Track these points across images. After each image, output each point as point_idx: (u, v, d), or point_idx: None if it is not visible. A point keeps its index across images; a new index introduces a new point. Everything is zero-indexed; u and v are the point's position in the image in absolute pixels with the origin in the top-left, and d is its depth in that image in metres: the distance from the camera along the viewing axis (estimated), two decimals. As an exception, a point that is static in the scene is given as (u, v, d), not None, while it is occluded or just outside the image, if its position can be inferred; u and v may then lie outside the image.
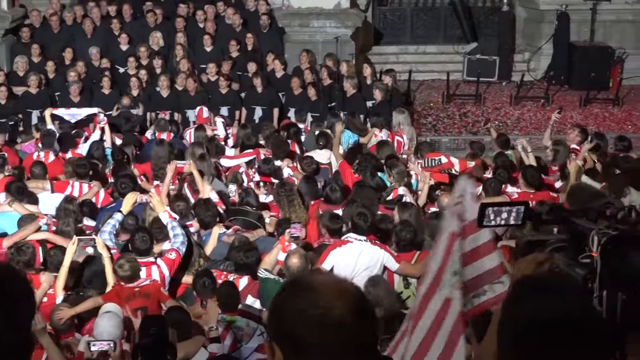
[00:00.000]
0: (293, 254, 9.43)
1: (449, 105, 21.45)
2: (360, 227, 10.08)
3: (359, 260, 9.83)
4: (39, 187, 12.75)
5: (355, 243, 9.93)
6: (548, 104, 21.36)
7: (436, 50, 24.47)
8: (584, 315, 3.00)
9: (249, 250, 9.97)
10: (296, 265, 9.23)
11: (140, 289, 9.31)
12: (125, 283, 9.33)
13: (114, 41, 19.82)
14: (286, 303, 2.95)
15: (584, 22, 23.20)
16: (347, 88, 18.15)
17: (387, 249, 10.00)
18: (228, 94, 18.42)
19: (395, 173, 13.02)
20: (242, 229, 11.22)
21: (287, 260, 9.39)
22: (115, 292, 9.33)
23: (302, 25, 20.92)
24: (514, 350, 2.99)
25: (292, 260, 9.28)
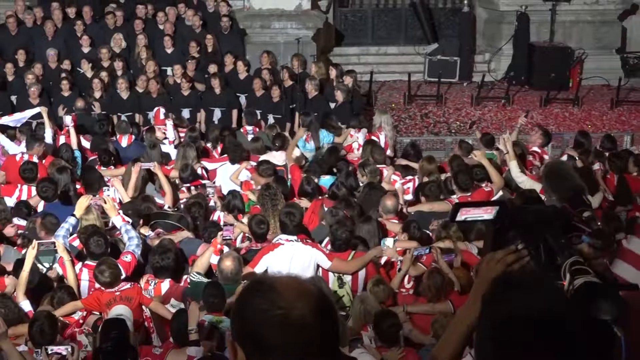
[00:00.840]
0: (226, 256, 9.34)
1: (411, 106, 21.52)
2: (286, 226, 9.99)
3: (292, 262, 9.69)
4: None
5: (286, 245, 9.81)
6: (509, 104, 21.49)
7: (397, 51, 24.52)
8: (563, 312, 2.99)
9: (164, 253, 9.83)
10: (230, 268, 9.15)
11: (121, 293, 9.20)
12: (105, 288, 9.23)
13: (76, 43, 19.68)
14: (248, 303, 2.95)
15: (544, 22, 23.35)
16: (309, 89, 18.13)
17: (318, 247, 9.92)
18: (190, 95, 18.35)
19: (369, 172, 13.05)
20: (164, 232, 11.11)
21: (220, 263, 9.31)
22: (95, 297, 9.23)
23: (263, 26, 20.89)
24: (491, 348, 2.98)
25: (226, 263, 9.20)
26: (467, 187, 12.22)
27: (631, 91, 22.54)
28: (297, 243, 9.86)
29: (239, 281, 9.16)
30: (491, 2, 24.14)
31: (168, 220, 11.32)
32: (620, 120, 20.81)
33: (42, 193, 11.98)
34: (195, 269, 9.59)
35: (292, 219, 10.01)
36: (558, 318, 2.96)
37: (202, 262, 9.75)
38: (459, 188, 12.29)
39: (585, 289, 3.39)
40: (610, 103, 21.68)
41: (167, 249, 9.91)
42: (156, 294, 9.63)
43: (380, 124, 16.36)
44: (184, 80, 18.33)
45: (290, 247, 9.79)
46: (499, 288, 3.24)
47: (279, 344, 2.87)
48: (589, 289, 3.39)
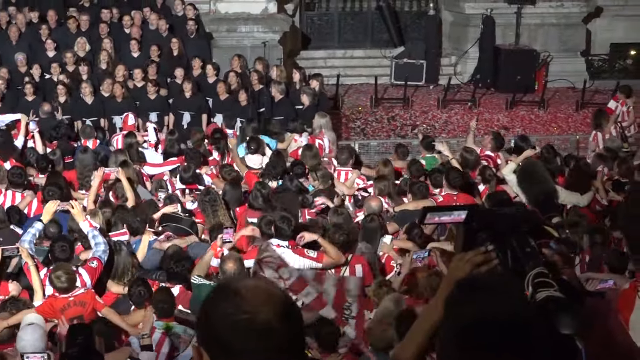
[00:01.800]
0: (228, 258, 9.37)
1: (377, 109, 21.55)
2: (283, 231, 10.01)
3: None
4: None
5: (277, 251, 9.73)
6: (475, 107, 21.56)
7: (364, 54, 24.57)
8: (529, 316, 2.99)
9: (180, 260, 9.88)
10: (232, 269, 9.17)
11: (74, 298, 9.19)
12: (60, 294, 9.18)
13: (41, 47, 19.55)
14: (213, 308, 2.94)
15: (509, 25, 23.47)
16: (275, 93, 18.11)
17: (305, 255, 9.89)
18: (156, 99, 18.27)
19: (320, 176, 13.06)
20: (174, 235, 11.12)
21: (222, 265, 9.33)
22: (49, 304, 9.19)
23: (230, 30, 20.86)
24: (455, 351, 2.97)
25: (228, 265, 9.22)
26: (456, 185, 12.27)
27: (596, 93, 22.69)
28: (287, 250, 9.84)
29: None
30: (457, 5, 24.23)
31: (180, 225, 11.31)
32: (585, 123, 20.93)
33: (48, 197, 11.82)
34: (195, 272, 9.59)
35: (289, 224, 10.03)
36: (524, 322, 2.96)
37: (202, 265, 9.75)
38: (448, 185, 12.34)
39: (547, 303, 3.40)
40: (575, 105, 21.82)
41: (184, 257, 10.04)
42: None
43: (320, 128, 16.36)
44: (150, 84, 18.24)
45: (280, 253, 9.76)
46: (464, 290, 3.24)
47: (244, 349, 2.85)
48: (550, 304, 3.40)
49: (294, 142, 15.82)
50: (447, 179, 12.44)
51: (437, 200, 12.00)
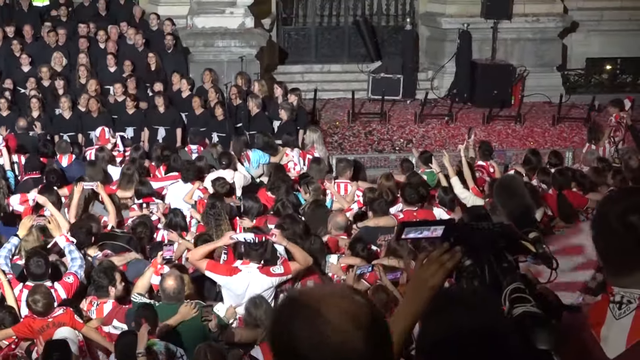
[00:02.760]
0: (168, 275, 9.29)
1: (355, 124, 21.57)
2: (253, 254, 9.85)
3: (248, 289, 9.63)
4: None
5: (244, 272, 9.73)
6: (452, 122, 21.61)
7: (341, 69, 24.60)
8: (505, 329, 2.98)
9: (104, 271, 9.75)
10: (172, 287, 9.10)
11: (53, 319, 9.07)
12: (38, 317, 9.10)
13: (15, 62, 19.48)
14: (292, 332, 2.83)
15: (486, 40, 23.56)
16: (251, 107, 18.11)
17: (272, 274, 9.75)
18: (134, 114, 18.22)
19: (312, 190, 13.05)
20: (112, 253, 11.00)
21: (162, 282, 9.25)
22: (27, 324, 9.10)
23: (207, 45, 20.84)
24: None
25: (168, 282, 9.15)
26: (413, 201, 12.25)
27: (572, 108, 22.80)
28: (254, 271, 9.72)
29: (182, 300, 9.11)
30: (433, 20, 24.31)
31: (117, 242, 11.22)
32: (561, 137, 21.03)
33: None
34: (136, 290, 9.51)
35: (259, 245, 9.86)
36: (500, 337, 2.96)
37: (142, 282, 9.67)
38: (404, 201, 12.33)
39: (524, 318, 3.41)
40: (552, 120, 21.89)
41: (110, 268, 9.82)
42: (98, 315, 9.52)
43: (312, 143, 16.37)
44: (128, 99, 18.20)
45: (247, 274, 9.70)
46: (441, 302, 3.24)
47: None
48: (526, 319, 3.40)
49: (285, 156, 15.82)
50: (402, 195, 12.43)
51: (398, 217, 11.99)
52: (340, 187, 14.16)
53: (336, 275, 10.59)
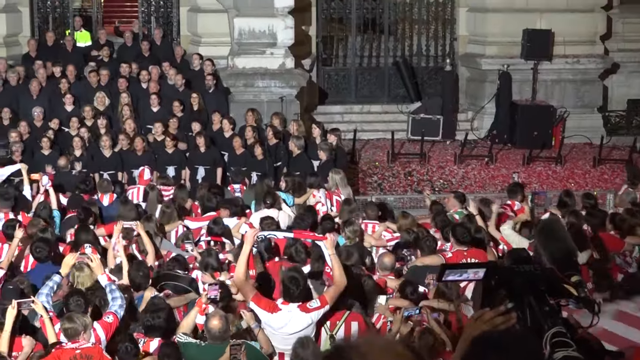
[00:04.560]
0: (213, 316, 9.25)
1: (394, 164, 21.55)
2: (292, 292, 9.74)
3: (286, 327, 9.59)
4: None
5: (284, 311, 9.67)
6: (492, 163, 21.54)
7: (381, 109, 24.64)
8: None
9: (156, 312, 9.73)
10: (217, 327, 9.07)
11: (81, 350, 9.10)
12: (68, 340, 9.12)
13: (60, 102, 19.71)
14: None
15: (526, 81, 23.52)
16: (292, 148, 18.16)
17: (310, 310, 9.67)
18: (174, 153, 18.34)
19: (351, 231, 13.02)
20: (173, 293, 11.03)
21: (207, 322, 9.22)
22: (56, 356, 9.13)
23: (247, 85, 20.97)
24: None
25: (213, 322, 9.11)
26: (465, 240, 12.19)
27: (613, 149, 22.67)
28: (295, 310, 9.64)
29: (227, 339, 9.10)
30: (473, 61, 24.33)
31: (178, 283, 11.22)
32: (602, 179, 20.90)
33: (35, 253, 11.84)
34: (181, 330, 9.50)
35: (297, 286, 9.76)
36: None
37: (187, 322, 9.66)
38: (456, 241, 12.25)
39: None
40: (592, 161, 21.77)
41: (159, 308, 9.82)
42: (144, 350, 9.53)
43: (336, 185, 16.36)
44: (167, 139, 18.34)
45: (287, 313, 9.66)
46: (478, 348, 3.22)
47: None
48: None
49: (312, 197, 15.80)
50: (454, 235, 12.36)
51: (446, 257, 11.93)
52: (368, 227, 14.15)
53: (383, 316, 10.55)
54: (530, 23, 23.48)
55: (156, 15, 24.15)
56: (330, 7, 24.94)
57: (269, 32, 21.09)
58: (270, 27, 21.06)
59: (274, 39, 21.10)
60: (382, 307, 10.56)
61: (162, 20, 24.01)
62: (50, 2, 23.74)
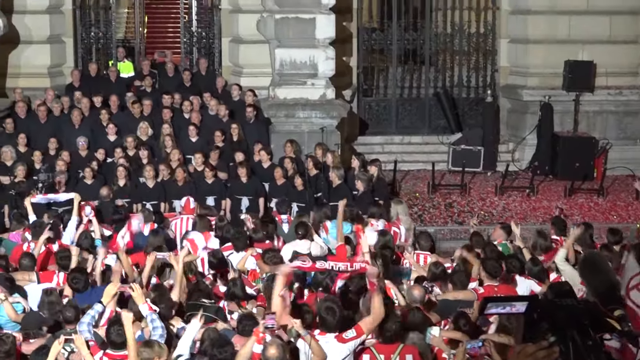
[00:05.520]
0: (270, 345, 9.23)
1: (435, 196, 21.51)
2: (328, 322, 9.75)
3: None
4: (25, 279, 12.60)
5: (321, 341, 9.61)
6: (533, 194, 21.43)
7: (421, 140, 24.62)
8: None
9: (224, 346, 9.74)
10: (275, 356, 9.05)
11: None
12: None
13: (102, 131, 19.89)
14: None
15: (567, 112, 23.44)
16: (333, 178, 18.18)
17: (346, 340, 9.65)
18: (214, 183, 18.43)
19: None
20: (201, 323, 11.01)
21: (264, 352, 9.20)
22: None
23: (288, 115, 21.04)
24: None
25: (270, 352, 9.09)
26: (496, 275, 12.12)
27: (656, 181, 22.48)
28: (332, 340, 9.65)
29: None
30: (515, 92, 24.28)
31: (206, 313, 11.22)
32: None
33: (72, 284, 11.90)
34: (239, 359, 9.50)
35: (334, 316, 9.76)
36: None
37: (245, 351, 9.59)
38: (487, 275, 12.18)
39: None
40: (635, 193, 21.59)
41: (227, 342, 9.83)
42: None
43: (397, 215, 16.32)
44: (207, 169, 18.42)
45: (325, 344, 9.63)
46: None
47: None
48: None
49: (369, 226, 15.76)
50: (484, 268, 12.27)
51: (478, 292, 11.85)
52: (420, 257, 14.11)
53: (437, 348, 10.52)
54: (572, 54, 23.42)
55: (198, 46, 24.36)
56: (371, 38, 25.01)
57: (310, 63, 21.18)
58: (312, 58, 21.16)
59: (315, 70, 21.19)
60: (436, 340, 10.52)
61: (203, 51, 24.21)
62: (93, 34, 24.03)
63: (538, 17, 23.88)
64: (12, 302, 11.49)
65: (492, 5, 24.91)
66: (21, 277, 12.62)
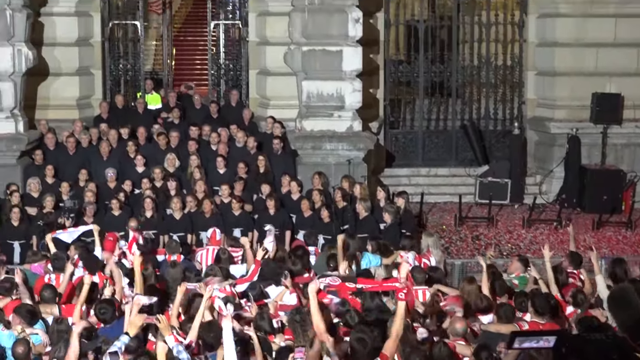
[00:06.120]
0: None
1: (462, 228, 21.46)
2: (358, 353, 9.69)
3: None
4: (47, 312, 12.60)
5: None
6: (561, 227, 21.34)
7: (448, 172, 24.58)
8: None
9: None
10: None
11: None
12: None
13: (130, 163, 19.99)
14: None
15: (595, 145, 23.37)
16: (360, 210, 18.17)
17: None
18: (241, 215, 18.45)
19: None
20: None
21: None
22: None
23: (315, 147, 21.07)
24: None
25: None
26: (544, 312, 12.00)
27: (685, 214, 22.36)
28: None
29: None
30: (542, 124, 24.23)
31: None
32: (674, 244, 20.60)
33: (100, 315, 11.91)
34: None
35: (364, 346, 9.69)
36: None
37: None
38: (535, 312, 12.07)
39: None
40: (664, 226, 21.51)
41: None
42: None
43: (427, 247, 16.26)
44: (234, 201, 18.45)
45: None
46: None
47: None
48: None
49: (399, 258, 15.69)
50: (533, 304, 12.14)
51: (522, 327, 11.70)
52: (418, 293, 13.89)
53: None
54: (600, 87, 23.38)
55: (226, 79, 24.49)
56: (397, 70, 25.07)
57: (337, 95, 21.23)
58: (339, 90, 21.21)
59: (342, 102, 21.23)
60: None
61: (231, 83, 24.33)
62: (122, 65, 24.21)
63: (565, 50, 23.86)
64: (31, 334, 11.50)
65: (519, 37, 24.92)
66: (43, 309, 12.61)
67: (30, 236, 17.91)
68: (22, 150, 20.76)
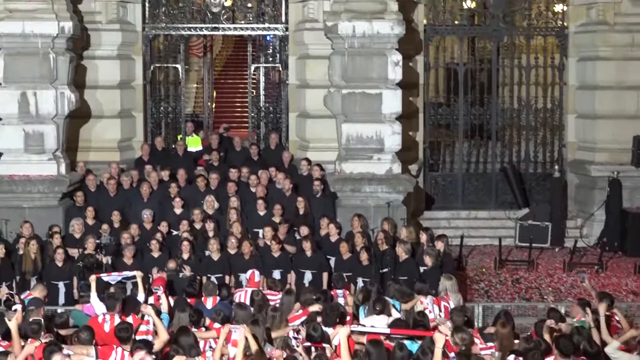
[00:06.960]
0: None
1: (501, 271, 21.34)
2: None
3: None
4: (82, 354, 12.58)
5: None
6: (602, 271, 21.16)
7: (488, 215, 24.51)
8: None
9: None
10: None
11: None
12: None
13: (169, 205, 20.09)
14: None
15: (636, 188, 23.25)
16: (400, 253, 18.09)
17: None
18: (280, 257, 18.45)
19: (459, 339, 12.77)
20: None
21: None
22: None
23: (354, 190, 21.08)
24: None
25: None
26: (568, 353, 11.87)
27: None
28: None
29: None
30: (583, 167, 24.13)
31: None
32: None
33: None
34: None
35: None
36: None
37: None
38: (560, 354, 11.95)
39: None
40: None
41: None
42: None
43: (445, 290, 16.13)
44: (274, 242, 18.47)
45: None
46: None
47: None
48: None
49: (419, 303, 15.61)
50: (557, 346, 12.03)
51: None
52: None
53: None
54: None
55: (265, 121, 24.61)
56: (437, 113, 25.12)
57: (376, 138, 21.27)
58: (378, 133, 21.25)
59: (382, 145, 21.26)
60: None
61: (271, 125, 24.45)
62: (163, 108, 24.43)
63: (605, 92, 23.82)
64: None
65: (559, 80, 24.90)
66: (79, 350, 12.60)
67: (71, 277, 18.00)
68: (63, 192, 20.95)
